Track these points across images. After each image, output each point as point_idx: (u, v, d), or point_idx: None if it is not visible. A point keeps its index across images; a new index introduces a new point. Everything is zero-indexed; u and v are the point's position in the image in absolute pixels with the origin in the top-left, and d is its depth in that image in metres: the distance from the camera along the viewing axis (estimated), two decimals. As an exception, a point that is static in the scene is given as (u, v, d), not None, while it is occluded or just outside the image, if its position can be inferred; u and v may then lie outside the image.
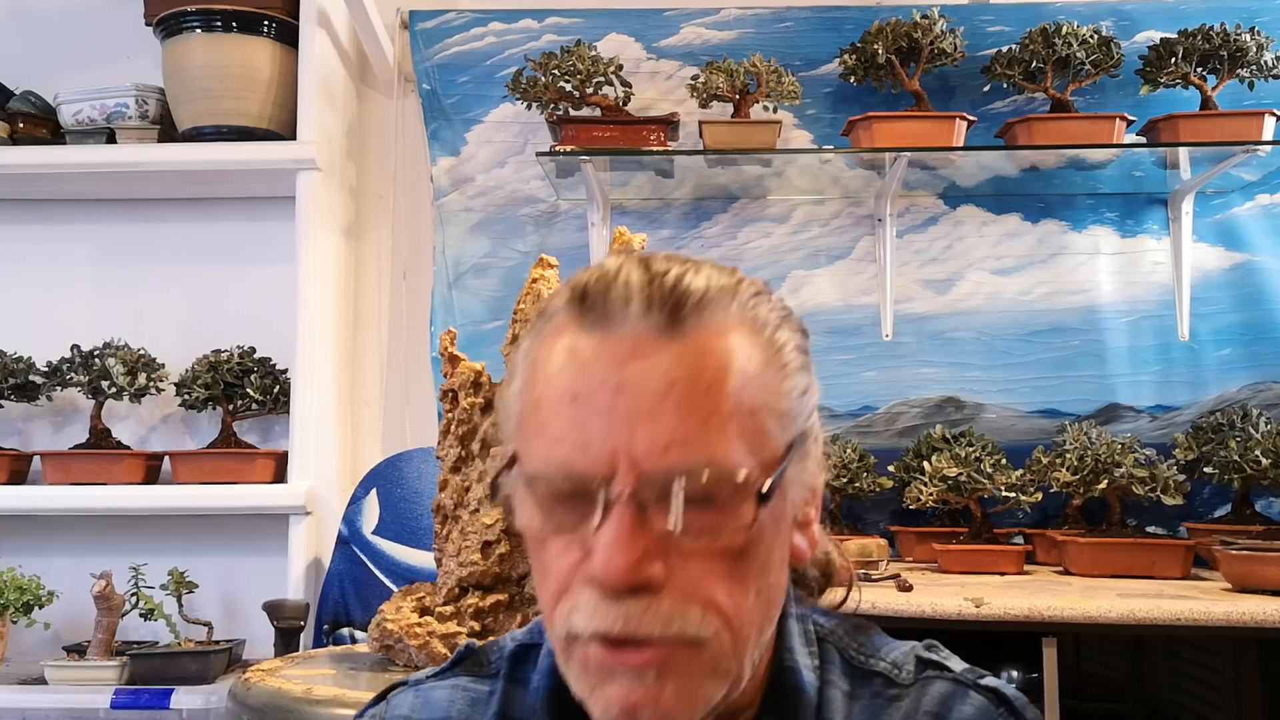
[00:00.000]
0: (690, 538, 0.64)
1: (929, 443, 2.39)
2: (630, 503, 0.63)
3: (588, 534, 0.64)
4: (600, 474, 0.64)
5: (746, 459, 0.65)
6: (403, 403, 2.72)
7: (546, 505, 0.67)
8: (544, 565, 0.68)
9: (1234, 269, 2.59)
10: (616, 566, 0.62)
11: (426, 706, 0.80)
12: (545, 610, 0.69)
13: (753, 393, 0.67)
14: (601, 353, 0.66)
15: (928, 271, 2.66)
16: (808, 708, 0.73)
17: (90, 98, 2.58)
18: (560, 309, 0.70)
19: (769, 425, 0.67)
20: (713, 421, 0.64)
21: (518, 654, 0.81)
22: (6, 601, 2.26)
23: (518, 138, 2.74)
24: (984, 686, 0.75)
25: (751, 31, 2.72)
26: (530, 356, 0.71)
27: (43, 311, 2.69)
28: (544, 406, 0.67)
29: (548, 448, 0.66)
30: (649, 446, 0.63)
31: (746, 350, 0.68)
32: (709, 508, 0.64)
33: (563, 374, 0.67)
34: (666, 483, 0.63)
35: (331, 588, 2.35)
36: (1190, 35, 2.38)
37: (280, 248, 2.55)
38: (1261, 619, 1.68)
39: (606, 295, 0.68)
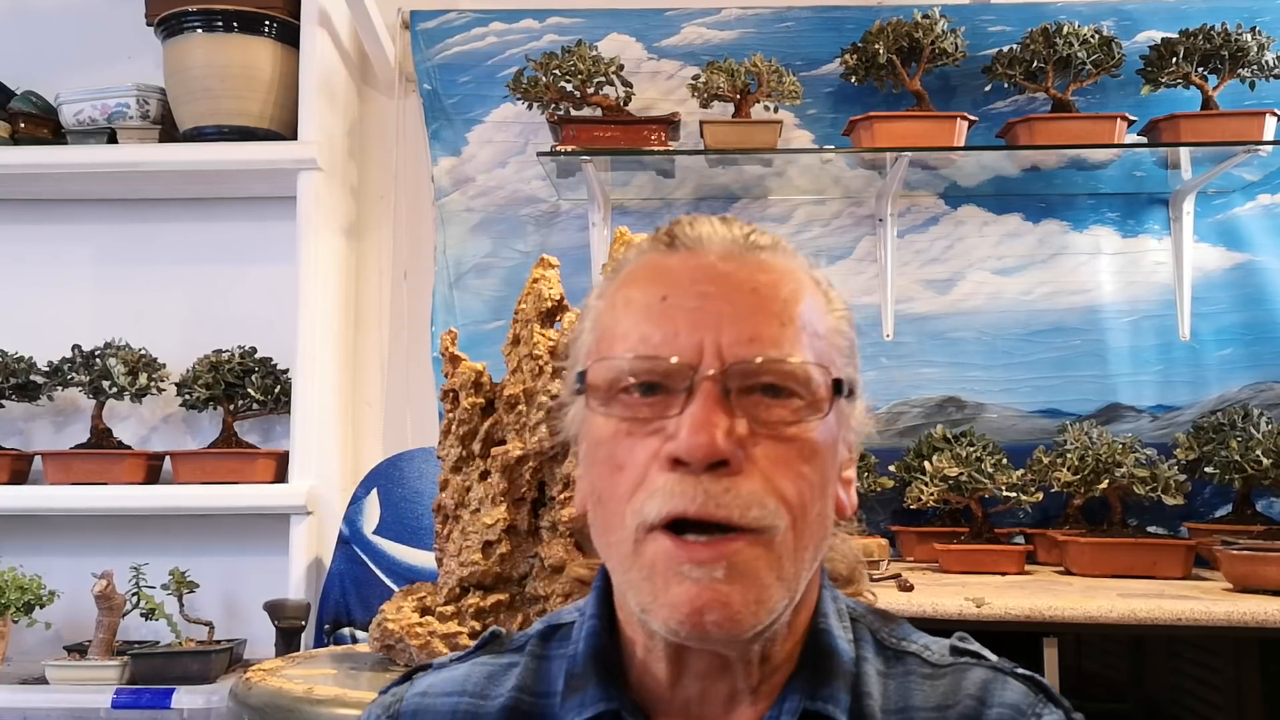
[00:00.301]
0: (767, 429, 0.69)
1: (930, 442, 2.39)
2: (715, 385, 0.68)
3: (667, 425, 0.68)
4: (688, 360, 0.68)
5: (818, 365, 0.71)
6: (404, 402, 2.73)
7: (626, 401, 0.71)
8: (618, 465, 0.70)
9: (1235, 269, 2.59)
10: (701, 440, 0.66)
11: (445, 682, 0.82)
12: (615, 517, 0.71)
13: (819, 320, 0.74)
14: (688, 264, 0.73)
15: (929, 271, 2.66)
16: (844, 672, 0.74)
17: (91, 98, 2.58)
18: (642, 250, 0.77)
19: (833, 353, 0.74)
20: (789, 329, 0.71)
21: (546, 633, 0.83)
22: (8, 601, 2.26)
23: (519, 138, 2.74)
24: (1021, 674, 0.77)
25: (752, 31, 2.72)
26: (609, 290, 0.77)
27: (44, 311, 2.70)
28: (631, 312, 0.73)
29: (635, 344, 0.71)
30: (734, 338, 0.69)
31: (812, 287, 0.76)
32: (786, 402, 0.69)
33: (653, 282, 0.73)
34: (749, 372, 0.69)
35: (332, 587, 2.35)
36: (1191, 35, 2.38)
37: (281, 248, 2.56)
38: (1262, 619, 1.68)
39: (691, 229, 0.75)
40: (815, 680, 0.73)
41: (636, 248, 0.78)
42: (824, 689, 0.73)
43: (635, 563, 0.69)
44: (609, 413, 0.71)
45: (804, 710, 0.72)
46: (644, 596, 0.69)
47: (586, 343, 0.77)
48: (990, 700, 0.74)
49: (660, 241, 0.76)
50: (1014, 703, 0.74)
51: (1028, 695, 0.75)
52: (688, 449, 0.66)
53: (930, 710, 0.74)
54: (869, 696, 0.74)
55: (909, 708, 0.74)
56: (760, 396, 0.69)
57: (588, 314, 0.78)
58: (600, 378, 0.72)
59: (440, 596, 1.60)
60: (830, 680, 0.73)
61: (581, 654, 0.76)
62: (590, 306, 0.79)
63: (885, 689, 0.75)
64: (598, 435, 0.73)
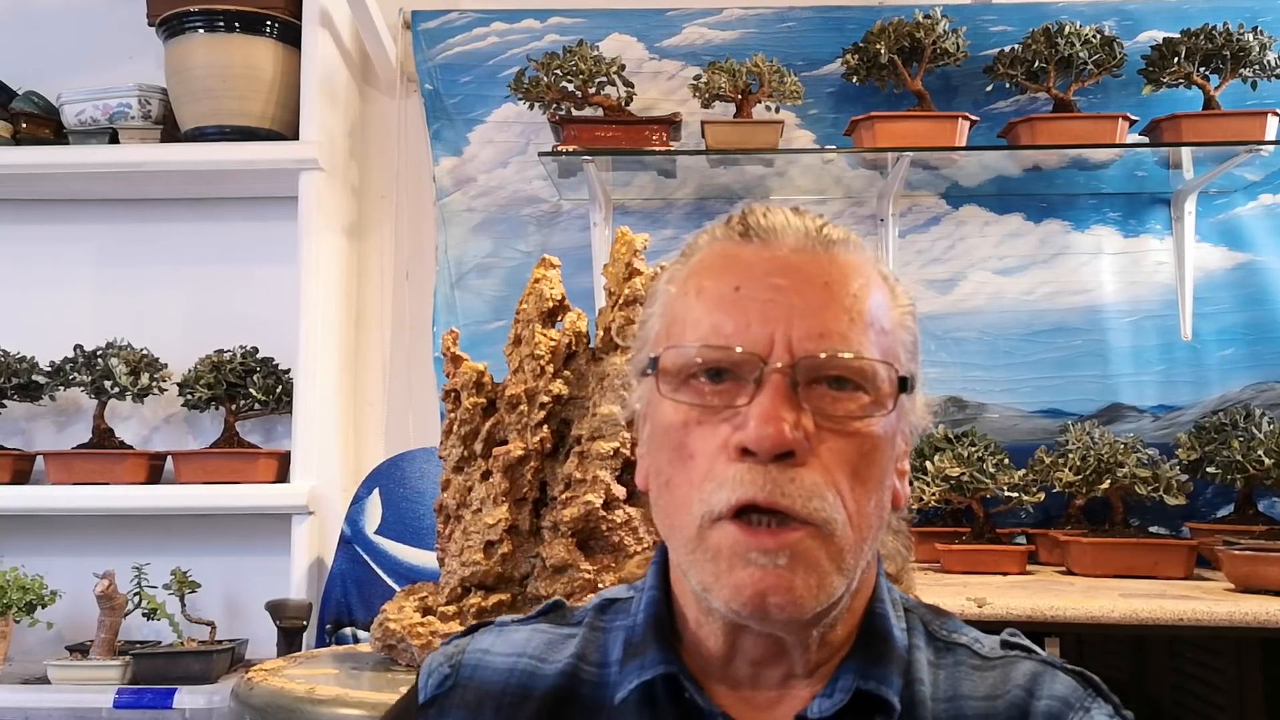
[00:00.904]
0: (830, 422, 0.71)
1: (931, 442, 2.39)
2: (784, 378, 0.70)
3: (736, 415, 0.70)
4: (759, 352, 0.70)
5: (884, 362, 0.73)
6: (405, 403, 2.73)
7: (696, 388, 0.72)
8: (688, 453, 0.72)
9: (1237, 269, 2.59)
10: (770, 431, 0.68)
11: (505, 643, 0.84)
12: (682, 502, 0.72)
13: (886, 316, 0.75)
14: (761, 255, 0.75)
15: (930, 271, 2.66)
16: (898, 657, 0.76)
17: (93, 98, 2.58)
18: (715, 237, 0.78)
19: (898, 349, 0.76)
20: (858, 324, 0.72)
21: (602, 605, 0.85)
22: (9, 601, 2.27)
23: (520, 138, 2.74)
24: (1071, 669, 0.78)
25: (754, 31, 2.72)
26: (680, 275, 0.78)
27: (45, 311, 2.70)
28: (704, 301, 0.74)
29: (707, 333, 0.72)
30: (804, 332, 0.71)
31: (880, 282, 0.77)
32: (850, 395, 0.71)
33: (725, 272, 0.75)
34: (817, 366, 0.70)
35: (334, 587, 2.35)
36: (1193, 35, 2.37)
37: (283, 248, 2.56)
38: (1264, 619, 1.68)
39: (765, 219, 0.76)
40: (869, 661, 0.75)
41: (709, 234, 0.80)
42: (877, 669, 0.74)
43: (700, 545, 0.71)
44: (678, 399, 0.73)
45: (857, 690, 0.73)
46: (707, 577, 0.71)
47: (656, 327, 0.78)
48: (1039, 692, 0.75)
49: (734, 230, 0.77)
50: (1063, 695, 0.75)
51: (1076, 689, 0.76)
52: (756, 440, 0.68)
53: (979, 700, 0.75)
54: (920, 683, 0.75)
55: (958, 696, 0.76)
56: (826, 389, 0.71)
57: (658, 298, 0.80)
58: (672, 363, 0.74)
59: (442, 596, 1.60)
60: (884, 663, 0.75)
61: (641, 623, 0.79)
62: (661, 290, 0.80)
63: (935, 677, 0.77)
64: (667, 421, 0.74)
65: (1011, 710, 0.74)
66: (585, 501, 1.53)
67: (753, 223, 0.77)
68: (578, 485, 1.54)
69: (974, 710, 0.75)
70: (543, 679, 0.80)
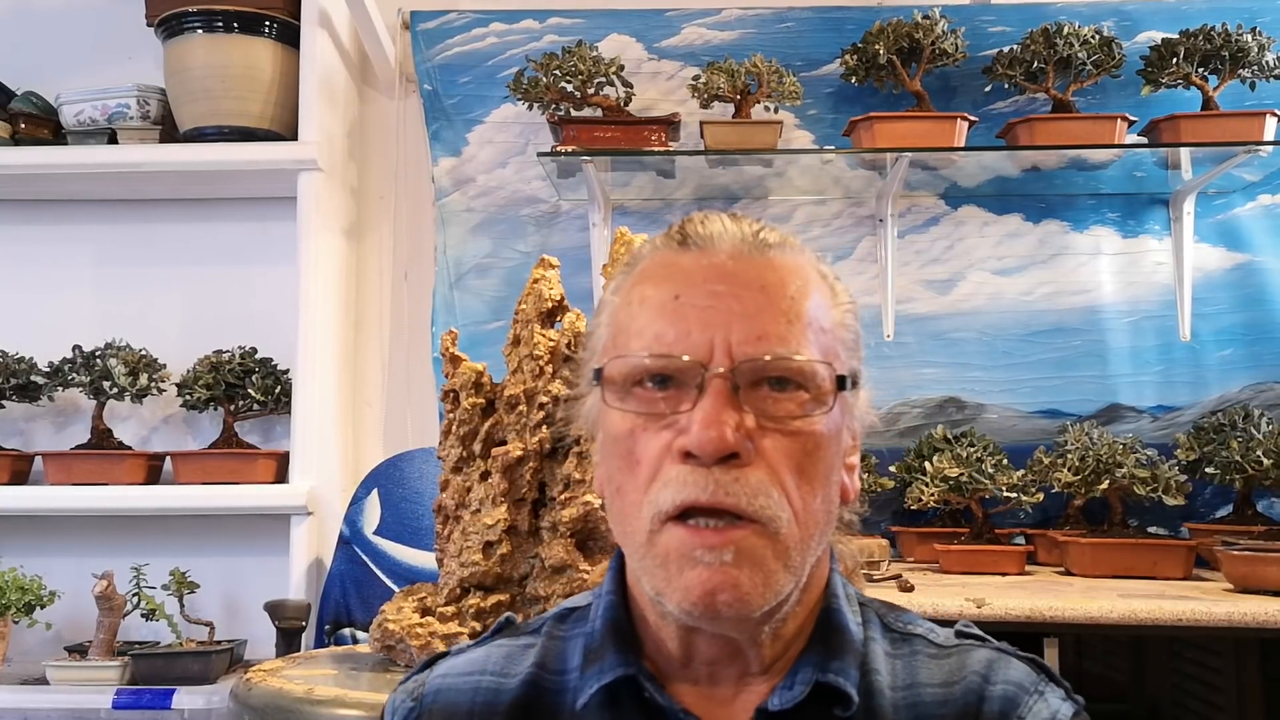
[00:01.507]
0: (773, 422, 0.72)
1: (930, 443, 2.39)
2: (725, 382, 0.71)
3: (679, 420, 0.72)
4: (699, 358, 0.72)
5: (823, 361, 0.74)
6: (404, 403, 2.73)
7: (641, 395, 0.74)
8: (635, 460, 0.74)
9: (1235, 269, 2.59)
10: (712, 434, 0.69)
11: (465, 663, 0.85)
12: (632, 508, 0.74)
13: (825, 315, 0.77)
14: (700, 263, 0.76)
15: (929, 272, 2.66)
16: (854, 649, 0.78)
17: (92, 98, 2.58)
18: (656, 247, 0.80)
19: (838, 347, 0.77)
20: (796, 325, 0.74)
21: (562, 614, 0.86)
22: (8, 601, 2.26)
23: (519, 138, 2.74)
24: (1024, 656, 0.81)
25: (753, 32, 2.72)
26: (624, 286, 0.80)
27: (44, 312, 2.70)
28: (646, 310, 0.76)
29: (649, 342, 0.74)
30: (743, 336, 0.72)
31: (818, 282, 0.79)
32: (791, 395, 0.73)
33: (665, 281, 0.76)
34: (757, 368, 0.72)
35: (333, 588, 2.35)
36: (1191, 35, 2.38)
37: (282, 248, 2.56)
38: (1263, 619, 1.68)
39: (703, 227, 0.78)
40: (826, 655, 0.76)
41: (650, 244, 0.81)
42: (835, 662, 0.76)
43: (650, 550, 0.73)
44: (625, 408, 0.75)
45: (815, 682, 0.74)
46: (659, 581, 0.72)
47: (602, 337, 0.80)
48: (994, 678, 0.78)
49: (673, 239, 0.79)
50: (1017, 680, 0.78)
51: (1030, 674, 0.79)
52: (699, 443, 0.70)
53: (936, 686, 0.77)
54: (877, 674, 0.77)
55: (916, 684, 0.78)
56: (768, 391, 0.73)
57: (604, 309, 0.82)
58: (616, 373, 0.75)
59: (441, 597, 1.60)
60: (841, 655, 0.76)
61: (599, 628, 0.80)
62: (606, 301, 0.82)
63: (892, 667, 0.79)
64: (615, 430, 0.76)
65: (968, 696, 0.77)
66: (584, 502, 1.53)
67: (690, 231, 0.78)
68: (576, 486, 1.54)
69: (931, 697, 0.77)
70: (507, 692, 0.81)
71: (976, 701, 0.76)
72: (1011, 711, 0.76)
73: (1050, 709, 0.76)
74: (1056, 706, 0.76)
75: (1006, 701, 0.76)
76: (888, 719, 0.75)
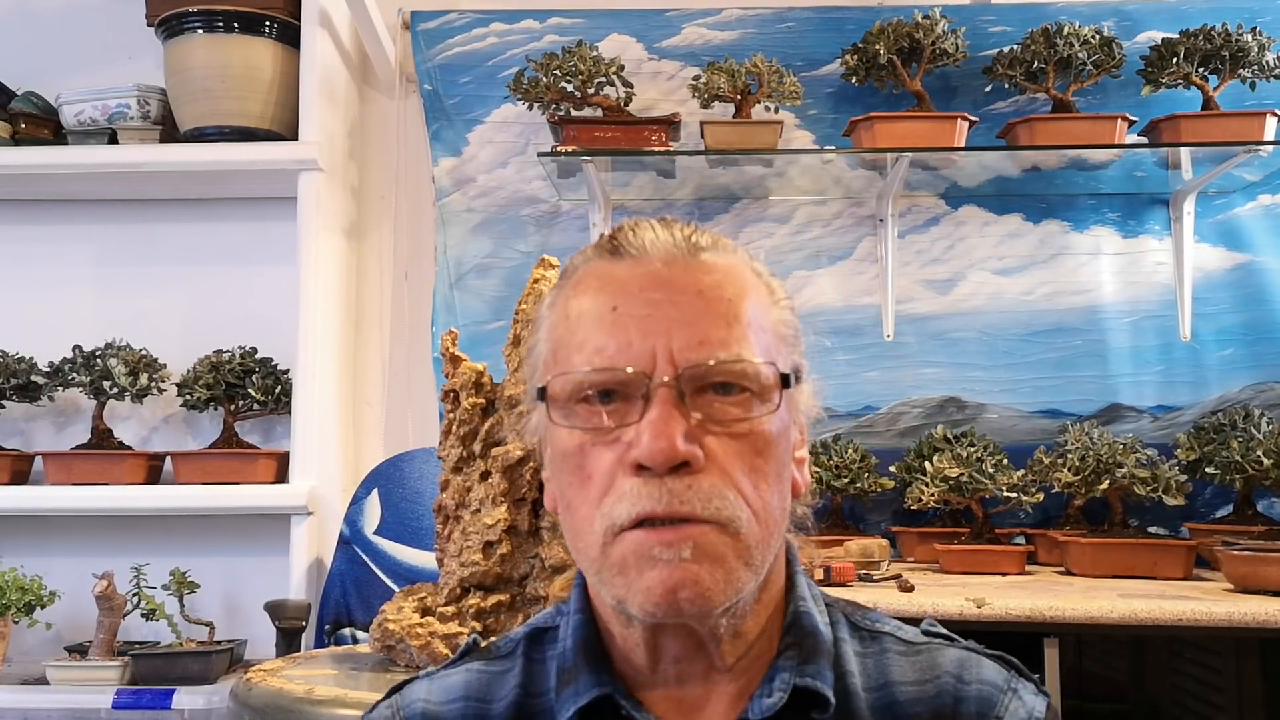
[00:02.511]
0: (721, 426, 0.72)
1: (930, 443, 2.39)
2: (670, 391, 0.71)
3: (628, 432, 0.72)
4: (643, 369, 0.72)
5: (766, 362, 0.74)
6: (404, 403, 2.73)
7: (586, 413, 0.74)
8: (585, 474, 0.74)
9: (1236, 269, 2.59)
10: (662, 445, 0.69)
11: (443, 690, 0.84)
12: (584, 522, 0.74)
13: (762, 313, 0.77)
14: (634, 272, 0.76)
15: (929, 272, 2.66)
16: (825, 650, 0.78)
17: (92, 98, 2.58)
18: (588, 258, 0.80)
19: (778, 345, 0.77)
20: (735, 328, 0.74)
21: (533, 635, 0.85)
22: (8, 602, 2.26)
23: (519, 138, 2.74)
24: (992, 654, 0.82)
25: (753, 32, 2.72)
26: (560, 299, 0.79)
27: (44, 312, 2.70)
28: (584, 324, 0.75)
29: (590, 356, 0.74)
30: (684, 343, 0.72)
31: (754, 281, 0.79)
32: (737, 398, 0.73)
33: (601, 293, 0.76)
34: (701, 373, 0.72)
35: (333, 588, 2.35)
36: (1192, 35, 2.38)
37: (282, 248, 2.56)
38: (1263, 619, 1.68)
39: (634, 236, 0.78)
40: (801, 659, 0.77)
41: (583, 254, 0.81)
42: (810, 666, 0.76)
43: (606, 561, 0.73)
44: (572, 424, 0.74)
45: (794, 687, 0.75)
46: (619, 589, 0.72)
47: (543, 353, 0.80)
48: (968, 678, 0.79)
49: (604, 249, 0.79)
50: (991, 680, 0.79)
51: (1002, 672, 0.80)
52: (650, 455, 0.70)
53: (909, 685, 0.78)
54: (850, 675, 0.78)
55: (889, 683, 0.78)
56: (713, 395, 0.73)
57: (541, 324, 0.81)
58: (560, 390, 0.75)
59: (441, 597, 1.60)
60: (815, 658, 0.77)
61: (571, 648, 0.80)
62: (543, 316, 0.81)
63: (864, 667, 0.79)
64: (563, 447, 0.75)
65: (943, 696, 0.77)
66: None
67: (622, 240, 0.78)
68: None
69: (905, 695, 0.78)
70: (494, 717, 0.81)
71: (952, 703, 0.77)
72: (989, 712, 0.77)
73: (1026, 708, 0.77)
74: (1032, 704, 0.78)
75: (982, 702, 0.77)
76: (864, 719, 0.76)
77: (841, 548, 2.16)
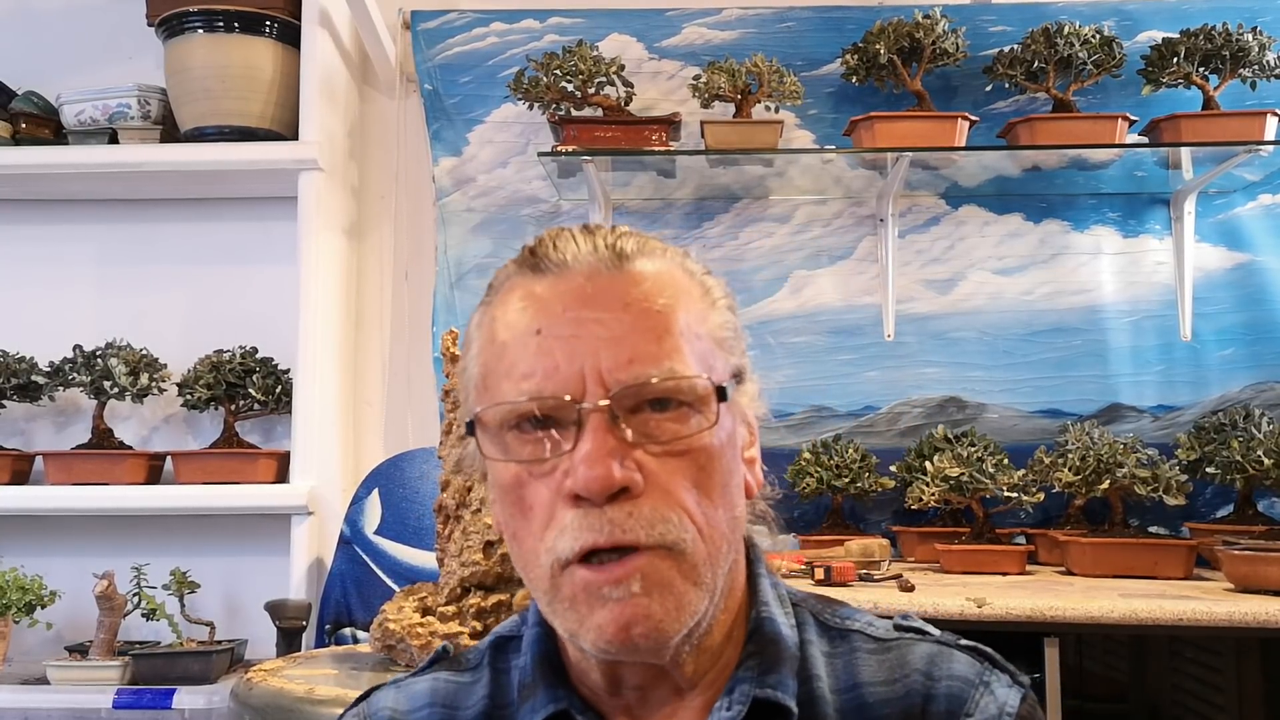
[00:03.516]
0: (659, 445, 0.69)
1: (931, 443, 2.39)
2: (603, 415, 0.68)
3: (564, 460, 0.69)
4: (572, 393, 0.69)
5: (701, 372, 0.71)
6: (405, 403, 2.73)
7: (519, 443, 0.71)
8: (526, 506, 0.71)
9: (1236, 269, 2.59)
10: (598, 474, 0.67)
11: (409, 698, 0.83)
12: (531, 555, 0.72)
13: (696, 320, 0.73)
14: (557, 290, 0.72)
15: (930, 271, 2.66)
16: (790, 657, 0.75)
17: (92, 98, 2.58)
18: (510, 274, 0.77)
19: (714, 350, 0.74)
20: (667, 340, 0.70)
21: (498, 644, 0.84)
22: (9, 601, 2.26)
23: (519, 138, 2.74)
24: (965, 645, 0.79)
25: (753, 31, 2.72)
26: (485, 320, 0.75)
27: (45, 311, 2.70)
28: (509, 350, 0.72)
29: (517, 383, 0.70)
30: (613, 363, 0.69)
31: (685, 285, 0.75)
32: (674, 414, 0.70)
33: (523, 315, 0.72)
34: (633, 393, 0.69)
35: (333, 588, 2.35)
36: (1192, 35, 2.37)
37: (282, 248, 2.56)
38: (1264, 619, 1.68)
39: (554, 247, 0.74)
40: (762, 669, 0.74)
41: (505, 270, 0.78)
42: (771, 676, 0.74)
43: (556, 595, 0.70)
44: (506, 458, 0.72)
45: (754, 698, 0.73)
46: (570, 624, 0.70)
47: (473, 377, 0.76)
48: (937, 674, 0.76)
49: (525, 264, 0.75)
50: (962, 674, 0.76)
51: (974, 665, 0.77)
52: (585, 485, 0.67)
53: (879, 685, 0.75)
54: (817, 679, 0.76)
55: (858, 685, 0.76)
56: (650, 413, 0.70)
57: (470, 345, 0.78)
58: (490, 420, 0.72)
59: (441, 597, 1.60)
60: (777, 667, 0.74)
61: (529, 662, 0.78)
62: (471, 337, 0.78)
63: (833, 668, 0.77)
64: (500, 479, 0.73)
65: (912, 697, 0.75)
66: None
67: (543, 253, 0.74)
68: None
69: (875, 697, 0.75)
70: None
71: (921, 702, 0.74)
72: (959, 709, 0.74)
73: (998, 702, 0.74)
74: (1004, 698, 0.74)
75: (951, 700, 0.74)
76: None
77: (842, 547, 2.16)
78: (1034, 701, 0.76)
